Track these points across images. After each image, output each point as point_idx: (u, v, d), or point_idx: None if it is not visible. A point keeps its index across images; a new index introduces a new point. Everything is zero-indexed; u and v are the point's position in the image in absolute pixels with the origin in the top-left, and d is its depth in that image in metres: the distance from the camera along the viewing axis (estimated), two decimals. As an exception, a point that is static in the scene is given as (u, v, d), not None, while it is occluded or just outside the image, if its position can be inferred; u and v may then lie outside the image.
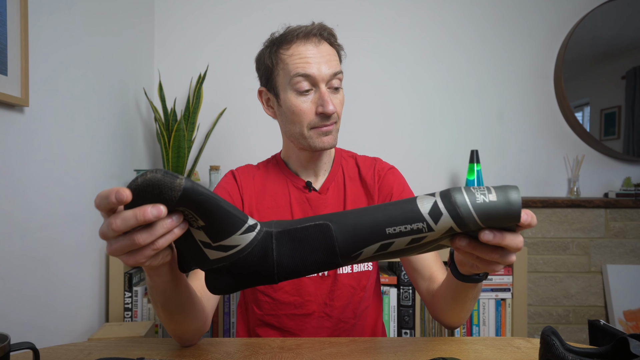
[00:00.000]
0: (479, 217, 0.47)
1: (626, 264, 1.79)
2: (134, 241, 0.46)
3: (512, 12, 1.88)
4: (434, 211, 0.48)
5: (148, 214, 0.44)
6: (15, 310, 0.96)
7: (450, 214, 0.48)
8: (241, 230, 0.51)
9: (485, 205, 0.47)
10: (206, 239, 0.51)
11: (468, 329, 1.50)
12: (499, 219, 0.47)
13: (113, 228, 0.45)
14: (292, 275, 0.54)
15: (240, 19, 1.84)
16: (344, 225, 0.52)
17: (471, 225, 0.48)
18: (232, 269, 0.54)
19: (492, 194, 0.47)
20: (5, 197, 0.94)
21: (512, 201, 0.46)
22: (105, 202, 0.44)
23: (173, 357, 0.70)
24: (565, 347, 0.54)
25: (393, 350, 0.73)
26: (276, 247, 0.53)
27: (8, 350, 0.54)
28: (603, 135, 1.88)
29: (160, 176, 0.44)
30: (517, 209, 0.46)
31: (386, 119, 1.88)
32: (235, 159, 1.82)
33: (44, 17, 1.06)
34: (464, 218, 0.47)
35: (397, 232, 0.49)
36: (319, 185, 0.95)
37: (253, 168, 0.99)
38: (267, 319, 0.91)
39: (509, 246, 0.50)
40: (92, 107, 1.29)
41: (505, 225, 0.49)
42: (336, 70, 0.86)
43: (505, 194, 0.47)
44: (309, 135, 0.87)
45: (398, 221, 0.49)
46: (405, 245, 0.51)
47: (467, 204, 0.47)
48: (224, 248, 0.51)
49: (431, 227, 0.48)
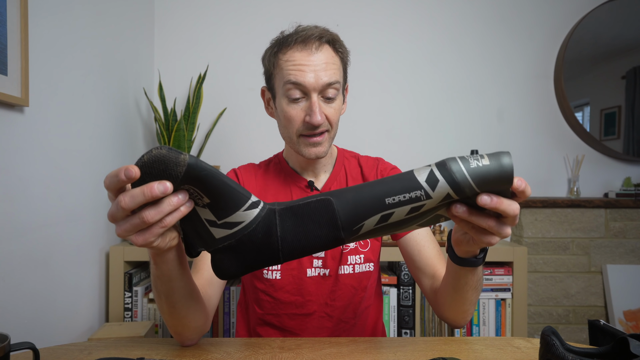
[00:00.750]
0: (474, 182, 0.48)
1: (626, 264, 1.79)
2: (143, 219, 0.47)
3: (512, 12, 1.88)
4: (430, 179, 0.49)
5: (155, 190, 0.46)
6: (15, 310, 0.96)
7: (446, 180, 0.49)
8: (245, 206, 0.52)
9: (479, 170, 0.48)
10: (211, 216, 0.52)
11: (468, 329, 1.50)
12: (493, 182, 0.49)
13: (122, 206, 0.46)
14: (296, 252, 0.55)
15: (240, 19, 1.84)
16: (344, 198, 0.53)
17: (467, 190, 0.49)
18: (237, 247, 0.54)
19: (484, 159, 0.49)
20: (5, 197, 0.94)
21: (505, 164, 0.48)
22: (115, 181, 0.46)
23: (173, 357, 0.70)
24: (565, 347, 0.54)
25: (393, 350, 0.73)
26: (279, 222, 0.54)
27: (8, 350, 0.54)
28: (603, 135, 1.88)
29: (165, 152, 0.46)
30: (510, 171, 0.48)
31: (386, 119, 1.88)
32: (235, 159, 1.82)
33: (44, 17, 1.06)
34: (460, 183, 0.49)
35: (396, 202, 0.51)
36: (320, 185, 0.95)
37: (255, 167, 0.99)
38: (268, 318, 0.91)
39: (506, 211, 0.51)
40: (92, 107, 1.29)
41: (500, 188, 0.50)
42: (331, 80, 0.83)
43: (497, 158, 0.48)
44: (298, 142, 0.87)
45: (396, 191, 0.51)
46: (405, 215, 0.52)
47: (462, 169, 0.49)
48: (229, 225, 0.53)
49: (429, 195, 0.50)
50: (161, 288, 0.64)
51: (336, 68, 0.85)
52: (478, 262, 0.66)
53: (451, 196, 0.50)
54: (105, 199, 1.38)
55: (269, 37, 0.95)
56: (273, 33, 0.94)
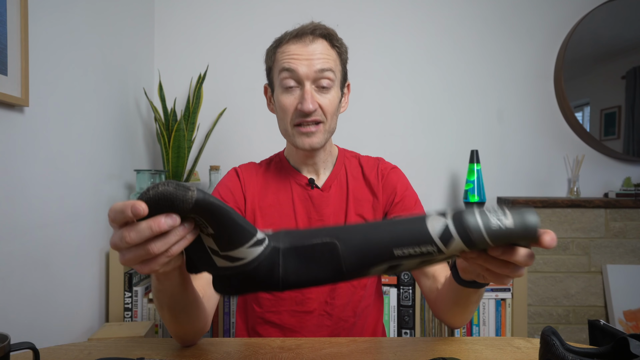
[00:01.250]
0: (492, 241, 0.46)
1: (626, 264, 1.79)
2: (149, 251, 0.45)
3: (512, 12, 1.88)
4: (445, 235, 0.47)
5: (163, 225, 0.44)
6: (15, 310, 0.96)
7: (461, 238, 0.46)
8: (249, 244, 0.50)
9: (500, 231, 0.45)
10: (215, 246, 0.51)
11: (468, 329, 1.50)
12: (512, 241, 0.47)
13: (128, 241, 0.44)
14: (297, 288, 0.55)
15: (240, 19, 1.84)
16: (350, 245, 0.51)
17: (483, 247, 0.47)
18: (237, 278, 0.53)
19: (507, 218, 0.45)
20: (5, 197, 0.94)
21: (529, 226, 0.45)
22: (121, 217, 0.44)
23: (173, 357, 0.70)
24: (565, 347, 0.54)
25: (393, 350, 0.73)
26: (283, 263, 0.52)
27: (8, 350, 0.54)
28: (603, 135, 1.88)
29: (172, 189, 0.44)
30: (534, 233, 0.45)
31: (386, 119, 1.88)
32: (235, 159, 1.82)
33: (44, 17, 1.06)
34: (476, 242, 0.46)
35: (405, 255, 0.48)
36: (321, 183, 0.95)
37: (256, 166, 1.00)
38: (268, 316, 0.92)
39: (519, 262, 0.49)
40: (92, 107, 1.29)
41: (520, 245, 0.48)
42: (324, 67, 0.85)
43: (522, 219, 0.45)
44: (292, 132, 0.88)
45: (406, 243, 0.48)
46: (415, 266, 0.51)
47: (481, 229, 0.46)
48: (230, 259, 0.51)
49: (441, 250, 0.47)
50: (163, 300, 0.64)
51: (331, 60, 0.87)
52: (483, 285, 0.64)
53: (465, 250, 0.48)
54: (105, 199, 1.38)
55: (269, 37, 0.95)
56: (273, 33, 0.94)
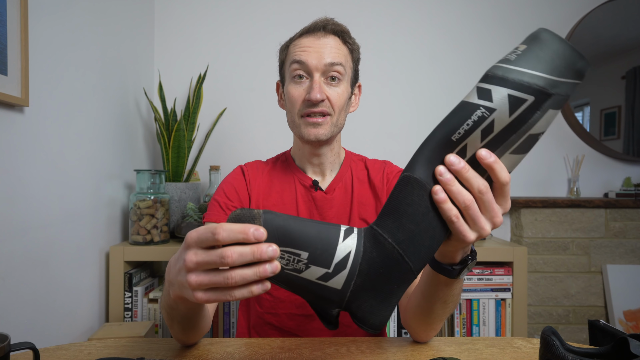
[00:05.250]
0: (526, 67, 0.44)
1: (626, 264, 1.79)
2: (227, 280, 0.44)
3: (512, 12, 1.88)
4: (482, 93, 0.45)
5: (264, 253, 0.43)
6: (15, 310, 0.96)
7: (497, 84, 0.44)
8: (342, 236, 0.48)
9: (522, 57, 0.44)
10: (320, 270, 0.47)
11: (468, 329, 1.50)
12: (547, 58, 0.44)
13: (229, 262, 0.43)
14: (418, 245, 0.49)
15: (240, 19, 1.84)
16: (417, 166, 0.48)
17: (527, 80, 0.44)
18: (363, 283, 0.49)
19: (521, 46, 0.45)
20: (5, 197, 0.94)
21: (542, 37, 0.44)
22: (238, 238, 0.43)
23: (173, 357, 0.70)
24: (565, 347, 0.54)
25: (393, 350, 0.73)
26: (382, 230, 0.49)
27: (8, 350, 0.54)
28: (603, 135, 1.88)
29: (238, 211, 0.46)
30: (550, 41, 0.44)
31: (386, 119, 1.88)
32: (235, 159, 1.82)
33: (44, 17, 1.06)
34: (511, 78, 0.44)
35: (462, 135, 0.46)
36: (325, 185, 0.95)
37: (262, 164, 1.00)
38: (267, 317, 0.91)
39: (498, 173, 0.47)
40: (92, 107, 1.29)
41: (559, 62, 0.44)
42: (334, 60, 0.86)
43: (533, 36, 0.45)
44: (299, 123, 0.88)
45: (457, 124, 0.46)
46: (481, 143, 0.46)
47: (505, 66, 0.45)
48: (341, 265, 0.47)
49: (491, 108, 0.45)
50: (174, 317, 0.64)
51: (342, 55, 0.88)
52: (453, 273, 0.60)
53: (518, 98, 0.44)
54: (105, 199, 1.38)
55: (269, 37, 0.96)
56: (273, 33, 0.95)
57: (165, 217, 1.44)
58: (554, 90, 0.44)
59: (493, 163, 0.47)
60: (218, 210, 0.90)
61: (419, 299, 0.71)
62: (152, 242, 1.41)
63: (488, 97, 0.45)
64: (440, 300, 0.67)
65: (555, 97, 0.44)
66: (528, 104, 0.44)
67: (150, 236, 1.41)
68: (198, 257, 0.45)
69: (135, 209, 1.40)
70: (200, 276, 0.45)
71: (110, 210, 1.42)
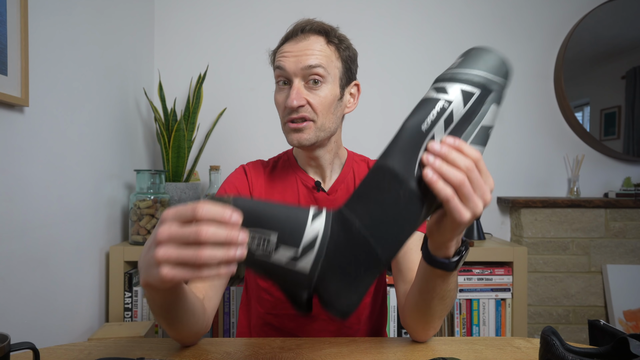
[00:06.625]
0: (464, 68, 0.53)
1: (626, 264, 1.79)
2: (199, 258, 0.44)
3: (512, 12, 1.88)
4: (438, 88, 0.53)
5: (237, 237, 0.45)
6: (15, 310, 0.96)
7: (449, 80, 0.53)
8: (310, 217, 0.49)
9: (461, 63, 0.54)
10: (289, 250, 0.48)
11: (468, 329, 1.50)
12: (478, 58, 0.54)
13: (203, 238, 0.44)
14: (386, 231, 0.50)
15: (240, 19, 1.84)
16: (391, 155, 0.51)
17: (470, 76, 0.52)
18: (330, 265, 0.50)
19: (458, 58, 0.56)
20: (5, 197, 0.94)
21: (474, 50, 0.55)
22: (218, 217, 0.44)
23: (173, 357, 0.70)
24: (565, 347, 0.54)
25: (393, 351, 0.73)
26: (350, 214, 0.50)
27: (8, 350, 0.54)
28: (603, 135, 1.88)
29: (209, 199, 0.47)
30: (477, 49, 0.55)
31: (386, 119, 1.88)
32: (235, 159, 1.82)
33: (43, 17, 1.06)
34: (456, 74, 0.53)
35: (430, 124, 0.51)
36: (327, 187, 0.94)
37: (264, 163, 0.99)
38: (268, 318, 0.91)
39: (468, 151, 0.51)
40: (92, 107, 1.29)
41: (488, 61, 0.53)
42: (312, 63, 0.82)
43: (467, 51, 0.56)
44: (285, 129, 0.88)
45: (424, 115, 0.52)
46: (445, 130, 0.52)
47: (449, 70, 0.54)
48: (309, 246, 0.49)
49: (448, 100, 0.51)
50: (156, 310, 0.63)
51: (322, 55, 0.84)
52: (449, 266, 0.61)
53: (468, 91, 0.51)
54: (105, 199, 1.38)
55: (269, 37, 0.96)
56: (272, 33, 0.95)
57: (165, 217, 1.44)
58: (492, 86, 0.52)
59: (460, 144, 0.51)
60: None
61: (416, 296, 0.71)
62: (152, 242, 1.41)
63: (445, 92, 0.52)
64: (437, 296, 0.67)
65: (494, 92, 0.53)
66: (476, 96, 0.52)
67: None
68: (172, 230, 0.45)
69: (135, 209, 1.40)
70: (170, 249, 0.45)
71: (110, 210, 1.42)
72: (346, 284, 0.51)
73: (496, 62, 0.53)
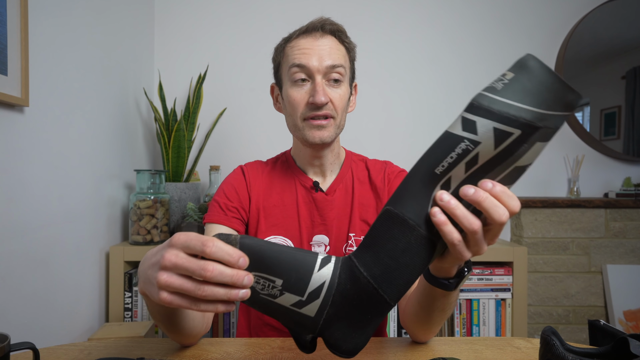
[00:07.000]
0: (513, 99, 0.41)
1: (626, 264, 1.79)
2: (201, 292, 0.45)
3: (511, 12, 1.88)
4: (466, 125, 0.43)
5: (242, 280, 0.45)
6: (15, 310, 0.96)
7: (482, 116, 0.42)
8: (318, 265, 0.49)
9: (508, 86, 0.42)
10: (294, 297, 0.48)
11: (468, 329, 1.50)
12: (534, 91, 0.41)
13: (208, 275, 0.44)
14: (394, 280, 0.49)
15: (240, 19, 1.84)
16: (400, 199, 0.48)
17: (514, 113, 0.41)
18: (336, 313, 0.49)
19: (508, 73, 0.43)
20: (5, 197, 0.94)
21: (529, 65, 0.41)
22: (226, 259, 0.45)
23: (173, 357, 0.70)
24: (565, 347, 0.54)
25: (393, 351, 0.73)
26: (358, 262, 0.49)
27: (8, 350, 0.54)
28: (603, 135, 1.88)
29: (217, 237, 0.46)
30: (538, 69, 0.41)
31: (387, 119, 1.88)
32: (235, 159, 1.82)
33: (43, 17, 1.06)
34: (497, 110, 0.42)
35: (446, 168, 0.45)
36: (326, 187, 0.94)
37: (262, 164, 0.99)
38: (268, 319, 0.91)
39: (490, 212, 0.45)
40: (92, 107, 1.29)
41: (548, 96, 0.41)
42: (335, 63, 0.84)
43: (519, 63, 0.42)
44: (302, 126, 0.87)
45: (441, 156, 0.45)
46: (465, 174, 0.45)
47: (491, 96, 0.42)
48: (315, 294, 0.48)
49: (475, 141, 0.43)
50: (155, 316, 0.63)
51: (341, 55, 0.87)
52: (450, 286, 0.60)
53: (504, 131, 0.42)
54: (105, 199, 1.38)
55: (269, 37, 0.96)
56: (273, 32, 0.94)
57: (165, 217, 1.44)
58: (541, 123, 0.41)
59: (474, 198, 0.46)
60: (218, 211, 0.90)
61: (416, 308, 0.71)
62: (152, 242, 1.41)
63: (473, 129, 0.43)
64: (437, 309, 0.67)
65: (543, 130, 0.42)
66: (514, 137, 0.42)
67: (150, 236, 1.41)
68: (178, 259, 0.45)
69: (135, 209, 1.40)
70: (172, 277, 0.45)
71: (110, 210, 1.42)
72: (354, 330, 0.51)
73: (555, 91, 0.41)
